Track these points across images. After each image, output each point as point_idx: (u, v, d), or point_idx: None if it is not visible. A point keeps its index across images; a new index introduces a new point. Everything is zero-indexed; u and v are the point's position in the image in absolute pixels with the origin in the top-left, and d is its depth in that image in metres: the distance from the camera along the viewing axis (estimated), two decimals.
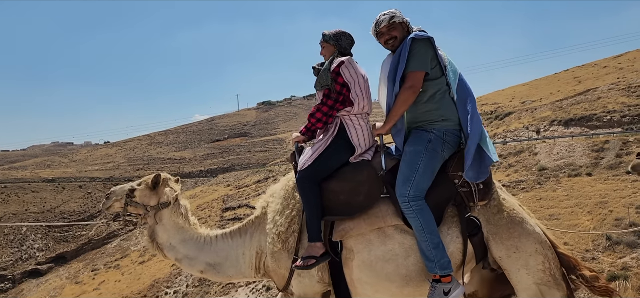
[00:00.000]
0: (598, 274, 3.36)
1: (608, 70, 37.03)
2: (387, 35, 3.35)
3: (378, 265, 3.24)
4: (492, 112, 35.98)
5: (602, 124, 22.45)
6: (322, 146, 3.38)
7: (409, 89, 3.19)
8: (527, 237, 3.23)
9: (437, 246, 3.08)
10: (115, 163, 77.80)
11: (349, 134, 3.39)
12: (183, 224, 3.83)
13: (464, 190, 3.21)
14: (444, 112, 3.23)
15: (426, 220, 3.09)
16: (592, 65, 42.43)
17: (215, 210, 40.45)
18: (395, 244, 3.24)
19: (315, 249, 3.23)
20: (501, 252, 3.23)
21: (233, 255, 3.75)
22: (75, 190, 55.19)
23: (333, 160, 3.38)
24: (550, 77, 44.87)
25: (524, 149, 20.95)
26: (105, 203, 3.90)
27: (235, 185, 46.30)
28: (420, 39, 3.22)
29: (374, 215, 3.25)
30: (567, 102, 28.75)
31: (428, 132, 3.23)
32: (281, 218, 3.49)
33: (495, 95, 43.95)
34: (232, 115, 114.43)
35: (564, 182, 17.21)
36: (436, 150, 3.19)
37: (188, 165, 72.50)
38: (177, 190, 3.91)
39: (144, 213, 3.82)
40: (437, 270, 3.08)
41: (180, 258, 3.82)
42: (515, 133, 26.70)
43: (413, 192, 3.11)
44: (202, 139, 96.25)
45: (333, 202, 3.31)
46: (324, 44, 3.53)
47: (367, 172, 3.31)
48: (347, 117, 3.41)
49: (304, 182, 3.32)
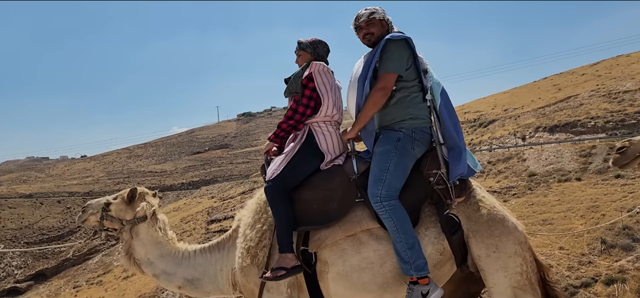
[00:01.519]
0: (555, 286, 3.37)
1: (586, 77, 37.92)
2: (365, 30, 3.31)
3: (353, 275, 3.16)
4: (475, 119, 36.46)
5: (586, 129, 22.91)
6: (290, 154, 3.31)
7: (380, 89, 3.15)
8: (508, 235, 3.16)
9: (412, 246, 3.01)
10: (94, 177, 76.31)
11: (317, 141, 3.33)
12: (161, 239, 3.76)
13: (439, 188, 3.15)
14: (411, 111, 3.19)
15: (399, 219, 3.02)
16: (570, 73, 43.41)
17: (200, 222, 39.96)
18: (369, 251, 3.15)
19: (286, 260, 3.12)
20: (480, 250, 3.16)
21: (211, 271, 3.69)
22: (54, 205, 53.87)
23: (301, 168, 3.31)
24: (530, 84, 45.74)
25: (512, 155, 21.22)
26: (80, 216, 3.84)
27: (219, 196, 45.84)
28: (395, 39, 3.18)
29: (350, 221, 3.17)
30: (549, 108, 29.29)
31: (396, 131, 3.18)
32: (251, 232, 3.38)
33: (476, 103, 44.57)
34: (212, 127, 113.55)
35: (554, 187, 17.47)
36: (406, 148, 3.14)
37: (169, 177, 71.55)
38: (154, 204, 3.85)
39: (120, 227, 3.75)
40: (413, 271, 3.01)
41: (157, 273, 3.75)
42: (501, 140, 27.07)
43: (385, 192, 3.04)
44: (182, 151, 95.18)
45: (306, 212, 3.22)
46: (300, 52, 3.51)
47: (339, 178, 3.24)
48: (315, 123, 3.36)
49: (272, 192, 3.22)
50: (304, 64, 3.44)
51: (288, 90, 3.46)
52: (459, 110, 46.04)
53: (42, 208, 52.58)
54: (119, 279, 33.92)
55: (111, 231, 3.89)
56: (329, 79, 3.39)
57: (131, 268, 3.80)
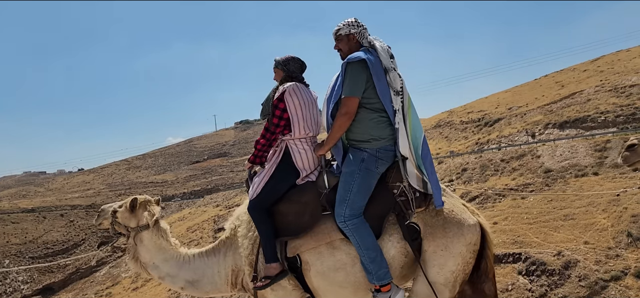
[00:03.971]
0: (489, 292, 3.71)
1: (588, 73, 38.06)
2: (336, 46, 3.61)
3: (330, 274, 3.55)
4: (480, 119, 36.49)
5: (597, 124, 23.00)
6: (268, 174, 3.65)
7: (343, 115, 3.40)
8: (459, 237, 3.48)
9: (374, 260, 3.34)
10: (95, 189, 75.91)
11: (294, 158, 3.64)
12: (164, 244, 4.09)
13: (401, 199, 3.48)
14: (373, 133, 3.45)
15: (361, 237, 3.34)
16: (571, 70, 43.59)
17: (207, 231, 39.79)
18: (342, 254, 3.52)
19: (270, 269, 3.55)
20: (430, 246, 3.48)
21: (209, 273, 4.03)
22: (57, 218, 53.54)
23: (279, 186, 3.66)
24: (531, 82, 45.87)
25: (525, 152, 21.25)
26: (96, 219, 4.21)
27: (224, 204, 45.71)
28: (353, 61, 3.39)
29: (320, 232, 3.54)
30: (556, 105, 29.39)
31: (361, 151, 3.46)
32: (246, 241, 3.81)
33: (479, 103, 44.65)
34: (210, 136, 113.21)
35: (572, 183, 17.48)
36: (369, 168, 3.43)
37: (170, 187, 71.29)
38: (156, 213, 4.14)
39: (126, 233, 4.10)
40: (375, 280, 3.37)
41: (162, 275, 4.11)
42: (510, 138, 27.13)
43: (348, 212, 3.36)
44: (181, 160, 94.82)
45: (283, 223, 3.62)
46: (275, 70, 3.80)
47: (310, 193, 3.60)
48: (291, 141, 3.66)
49: (254, 211, 3.62)
50: (275, 85, 3.78)
51: (262, 113, 3.82)
52: (461, 110, 46.15)
53: (45, 223, 52.26)
54: (128, 290, 33.71)
55: (120, 235, 4.23)
56: (300, 98, 3.65)
57: (139, 270, 4.14)
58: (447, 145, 33.75)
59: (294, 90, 3.63)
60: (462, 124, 37.45)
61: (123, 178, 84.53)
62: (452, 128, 37.73)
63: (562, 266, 13.16)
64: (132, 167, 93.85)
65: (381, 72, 3.42)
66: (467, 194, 19.58)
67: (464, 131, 35.65)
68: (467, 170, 22.33)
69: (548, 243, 14.56)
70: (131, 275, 35.46)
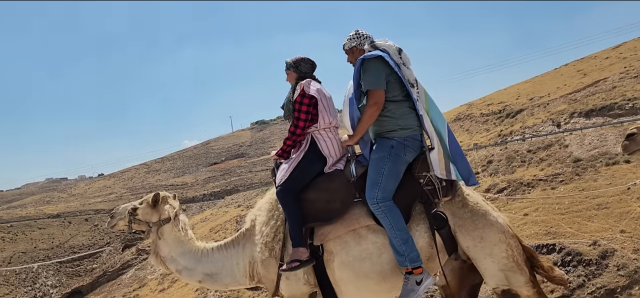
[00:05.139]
0: (552, 266, 3.87)
1: (611, 60, 37.51)
2: (347, 57, 3.84)
3: (355, 264, 3.60)
4: (501, 110, 36.18)
5: (624, 111, 22.65)
6: (295, 160, 3.75)
7: (373, 105, 3.55)
8: (490, 227, 3.60)
9: (406, 241, 3.43)
10: (116, 193, 76.97)
11: (320, 147, 3.77)
12: (182, 238, 4.17)
13: (428, 188, 3.59)
14: (401, 122, 3.62)
15: (394, 218, 3.44)
16: (592, 58, 42.97)
17: (230, 231, 40.03)
18: (368, 244, 3.59)
19: (299, 253, 3.59)
20: (467, 242, 3.59)
21: (228, 265, 4.09)
22: (82, 223, 54.41)
23: (306, 172, 3.75)
24: (552, 72, 45.32)
25: (552, 142, 21.04)
26: (110, 221, 4.29)
27: (245, 205, 45.91)
28: (369, 58, 3.59)
29: (349, 218, 3.62)
30: (579, 94, 29.03)
31: (390, 140, 3.61)
32: (267, 228, 3.86)
33: (498, 94, 44.25)
34: (227, 137, 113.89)
35: (603, 171, 17.25)
36: (399, 154, 3.57)
37: (190, 189, 71.91)
38: (176, 207, 4.26)
39: (147, 229, 4.17)
40: (407, 263, 3.44)
41: (180, 269, 4.17)
42: (534, 128, 26.87)
43: (381, 194, 3.46)
44: (199, 162, 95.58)
45: (311, 210, 3.68)
46: (287, 71, 3.94)
47: (340, 180, 3.70)
48: (316, 131, 3.80)
49: (283, 195, 3.69)
50: (292, 86, 3.92)
51: (285, 115, 3.94)
52: (480, 102, 45.80)
53: (71, 227, 53.13)
54: (155, 292, 34.12)
55: (139, 233, 4.31)
56: (319, 89, 3.82)
57: (158, 265, 4.27)
58: (469, 138, 33.53)
59: (310, 82, 3.81)
60: (482, 117, 37.18)
61: (143, 181, 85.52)
62: (473, 120, 37.48)
63: (598, 256, 13.01)
64: (152, 171, 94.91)
65: (396, 66, 3.62)
66: (495, 186, 19.46)
67: (485, 123, 35.39)
68: (493, 162, 22.17)
69: (582, 233, 14.40)
70: (157, 277, 35.92)
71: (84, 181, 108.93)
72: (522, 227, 16.08)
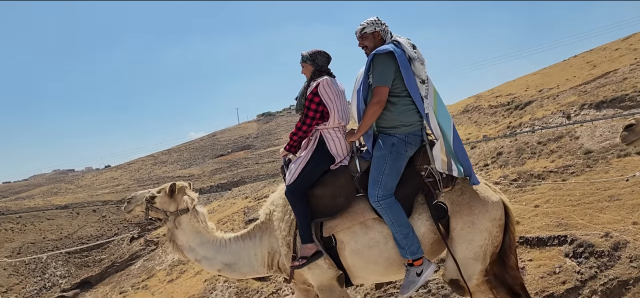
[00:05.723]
0: (518, 267, 4.01)
1: (621, 51, 37.15)
2: (361, 43, 3.85)
3: (364, 251, 3.80)
4: (509, 102, 35.95)
5: (636, 103, 22.46)
6: (304, 160, 3.86)
7: (376, 103, 3.65)
8: (485, 214, 3.74)
9: (407, 235, 3.60)
10: (124, 185, 77.36)
11: (328, 146, 3.88)
12: (201, 228, 4.25)
13: (429, 180, 3.73)
14: (402, 119, 3.72)
15: (395, 215, 3.60)
16: (601, 49, 42.57)
17: (238, 222, 40.20)
18: (375, 233, 3.77)
19: (306, 250, 3.78)
20: (458, 224, 3.73)
21: (245, 255, 4.23)
22: (90, 214, 54.80)
23: (315, 172, 3.87)
24: (561, 63, 44.95)
25: (562, 134, 20.91)
26: (126, 206, 4.34)
27: (253, 196, 46.06)
28: (381, 53, 3.65)
29: (354, 212, 3.78)
30: (589, 85, 28.81)
31: (391, 136, 3.72)
32: (283, 224, 4.04)
33: (506, 86, 43.98)
34: (233, 129, 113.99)
35: (614, 163, 17.14)
36: (400, 152, 3.70)
37: (198, 181, 72.12)
38: (194, 198, 4.35)
39: (164, 217, 4.23)
40: (408, 255, 3.63)
41: (199, 258, 4.28)
42: (544, 120, 26.72)
43: (381, 192, 3.60)
44: (206, 154, 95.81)
45: (319, 206, 3.84)
46: (303, 64, 3.99)
47: (344, 177, 3.84)
48: (325, 130, 3.89)
49: (291, 195, 3.83)
50: (308, 79, 3.99)
51: (297, 107, 4.02)
52: (488, 94, 45.54)
53: (79, 218, 53.53)
54: (164, 283, 34.33)
55: (155, 220, 4.41)
56: (333, 90, 3.88)
57: (175, 253, 4.35)
58: (477, 130, 33.39)
59: (327, 83, 3.86)
60: (491, 108, 36.98)
61: (150, 173, 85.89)
62: (481, 112, 37.29)
63: (611, 247, 12.93)
64: (158, 162, 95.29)
65: (407, 63, 3.67)
66: (505, 177, 19.39)
67: (493, 115, 35.21)
68: (503, 154, 22.08)
69: (594, 224, 14.33)
70: (165, 268, 36.12)
71: (91, 173, 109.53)
72: (533, 218, 16.02)
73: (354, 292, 15.56)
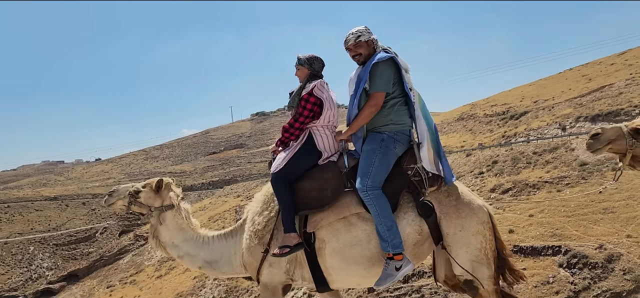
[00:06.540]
0: (516, 266, 4.09)
1: (616, 66, 37.40)
2: (354, 51, 3.88)
3: (346, 250, 3.80)
4: (505, 112, 36.06)
5: (631, 118, 22.54)
6: (292, 151, 3.93)
7: (371, 106, 3.76)
8: (472, 217, 3.81)
9: (390, 228, 3.63)
10: (114, 178, 76.78)
11: (316, 141, 3.96)
12: (184, 225, 4.24)
13: (415, 179, 3.79)
14: (393, 118, 3.82)
15: (381, 206, 3.63)
16: (597, 63, 42.85)
17: (228, 220, 39.99)
18: (358, 231, 3.79)
19: (289, 239, 3.76)
20: (449, 229, 3.80)
21: (226, 254, 4.22)
22: (79, 207, 54.28)
23: (301, 163, 3.92)
24: (556, 76, 45.18)
25: (558, 145, 20.97)
26: (107, 199, 4.28)
27: (245, 195, 45.88)
28: (382, 60, 3.75)
29: (340, 206, 3.80)
30: (585, 98, 28.93)
31: (381, 134, 3.82)
32: (259, 217, 4.03)
33: (502, 96, 44.16)
34: (227, 127, 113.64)
35: (609, 176, 17.17)
36: (389, 147, 3.78)
37: (189, 177, 71.77)
38: (179, 194, 4.32)
39: (147, 213, 4.21)
40: (390, 248, 3.65)
41: (182, 255, 4.26)
42: (539, 131, 26.80)
43: (370, 183, 3.65)
44: (198, 151, 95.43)
45: (305, 198, 3.85)
46: (299, 67, 4.06)
47: (332, 171, 3.90)
48: (315, 127, 3.98)
49: (276, 182, 3.86)
50: (303, 80, 4.03)
51: (289, 105, 4.04)
52: (483, 103, 45.67)
53: (68, 211, 53.00)
54: (152, 278, 34.02)
55: (137, 215, 4.39)
56: (327, 91, 3.99)
57: (157, 249, 4.32)
58: (472, 138, 33.44)
59: (323, 85, 3.98)
60: (486, 117, 37.07)
61: (141, 168, 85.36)
62: (476, 121, 37.38)
63: (604, 259, 12.95)
64: (150, 157, 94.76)
65: (402, 70, 3.82)
66: (500, 186, 19.40)
67: (488, 124, 35.28)
68: (498, 162, 22.09)
69: (588, 236, 14.35)
70: (154, 264, 35.81)
71: (81, 165, 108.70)
72: (528, 227, 16.02)
73: (346, 294, 15.45)
